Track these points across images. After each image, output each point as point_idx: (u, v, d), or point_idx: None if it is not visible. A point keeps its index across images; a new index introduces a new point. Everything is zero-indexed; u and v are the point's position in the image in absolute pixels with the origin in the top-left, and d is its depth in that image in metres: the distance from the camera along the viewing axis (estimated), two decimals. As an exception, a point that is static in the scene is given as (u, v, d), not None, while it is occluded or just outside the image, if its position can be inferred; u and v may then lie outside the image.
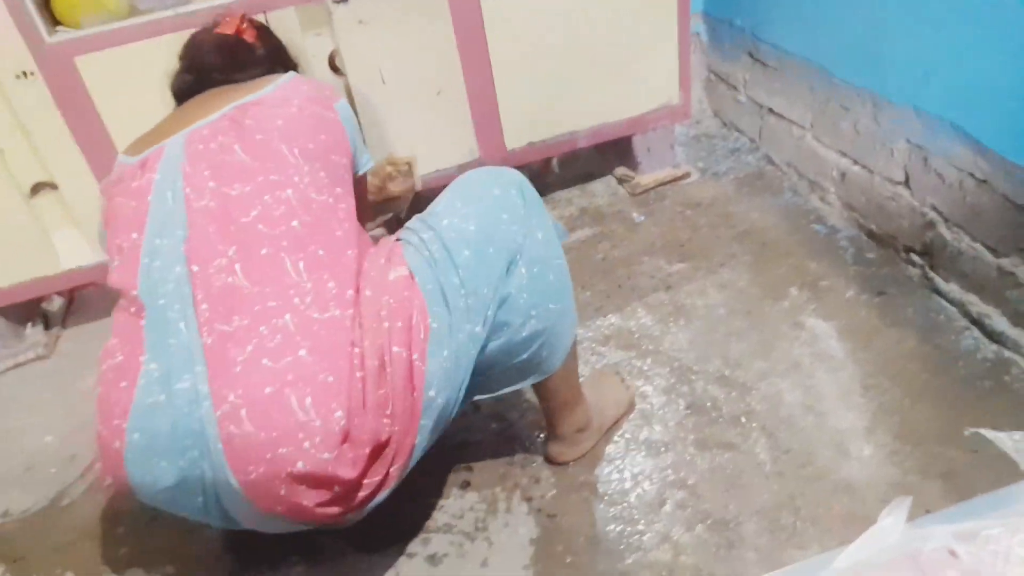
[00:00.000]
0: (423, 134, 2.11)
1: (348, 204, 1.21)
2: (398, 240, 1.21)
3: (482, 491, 1.48)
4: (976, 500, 0.60)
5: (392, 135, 2.07)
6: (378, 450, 1.06)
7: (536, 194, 1.28)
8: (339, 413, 1.00)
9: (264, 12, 1.81)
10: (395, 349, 1.05)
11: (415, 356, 1.07)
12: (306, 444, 0.98)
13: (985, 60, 1.52)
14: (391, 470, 1.09)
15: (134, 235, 1.13)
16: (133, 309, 1.10)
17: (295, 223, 1.12)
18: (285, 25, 1.81)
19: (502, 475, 1.50)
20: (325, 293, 1.07)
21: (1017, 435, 0.58)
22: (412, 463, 1.14)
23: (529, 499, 1.44)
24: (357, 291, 1.09)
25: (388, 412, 1.04)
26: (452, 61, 2.03)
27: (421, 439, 1.11)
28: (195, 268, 1.08)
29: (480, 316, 1.13)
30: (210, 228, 1.10)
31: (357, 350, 1.03)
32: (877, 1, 1.81)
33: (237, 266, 1.07)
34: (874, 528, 0.57)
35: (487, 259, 1.13)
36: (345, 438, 1.01)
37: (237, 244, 1.09)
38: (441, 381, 1.09)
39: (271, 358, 1.01)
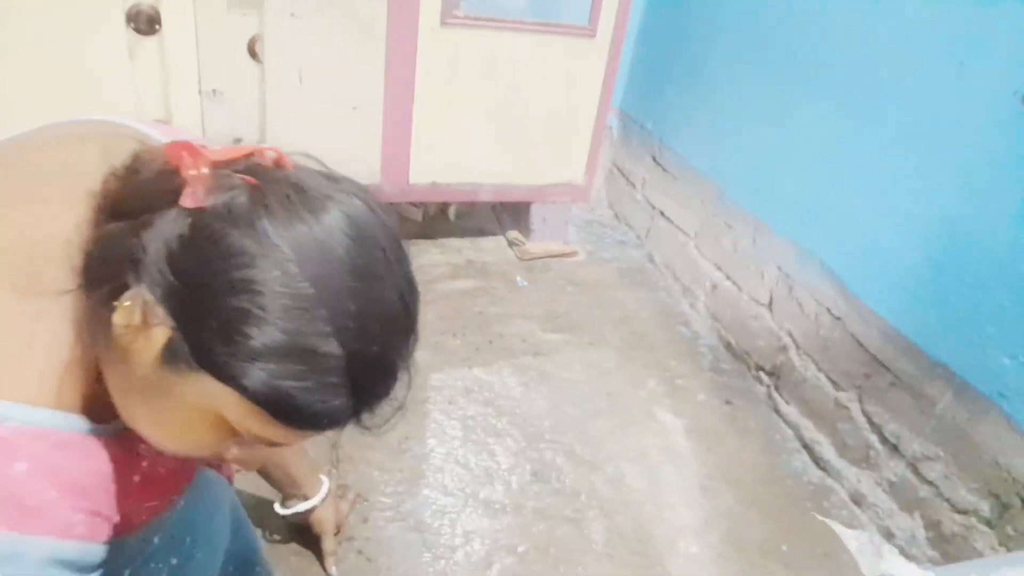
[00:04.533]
0: (328, 144, 2.04)
1: None
2: None
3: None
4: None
5: (295, 136, 1.99)
6: None
7: None
8: None
9: (193, -26, 1.71)
10: None
11: None
12: None
13: (860, 209, 1.68)
14: None
15: None
16: None
17: None
18: (213, -7, 1.72)
19: (329, 508, 1.40)
20: None
21: (863, 535, 0.59)
22: None
23: (352, 538, 1.35)
24: None
25: None
26: (376, 81, 1.99)
27: None
28: None
29: None
30: None
31: None
32: (772, 138, 1.97)
33: None
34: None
35: None
36: None
37: None
38: None
39: None
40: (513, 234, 2.51)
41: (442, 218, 2.57)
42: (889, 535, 1.55)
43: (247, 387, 0.51)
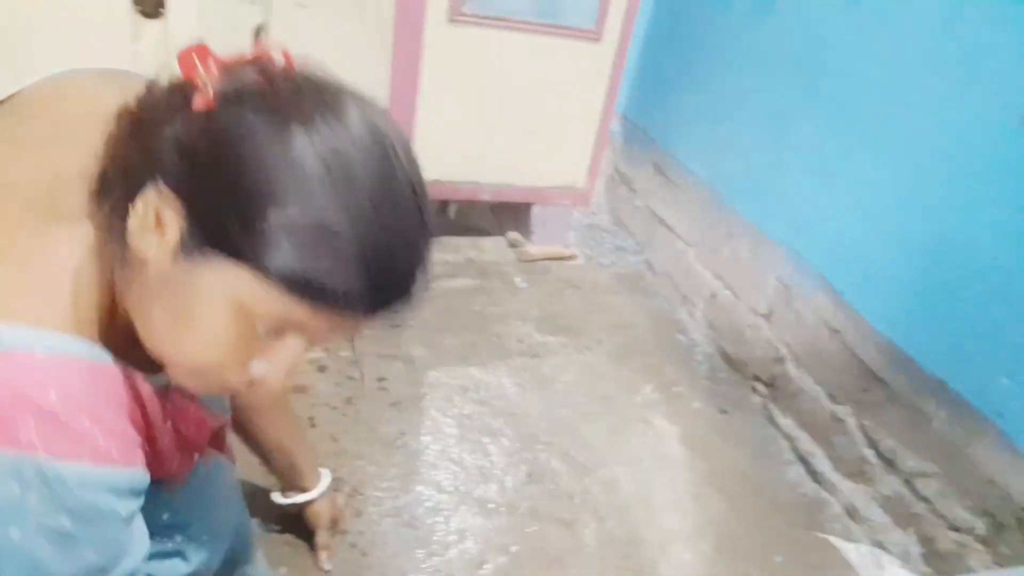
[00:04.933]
0: (331, 137, 2.02)
1: None
2: None
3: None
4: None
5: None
6: None
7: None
8: None
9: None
10: None
11: None
12: None
13: (860, 222, 1.68)
14: None
15: None
16: None
17: None
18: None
19: (321, 501, 1.38)
20: None
21: (864, 548, 0.58)
22: None
23: (345, 532, 1.33)
24: None
25: None
26: (381, 76, 1.98)
27: None
28: None
29: None
30: None
31: None
32: (772, 148, 1.97)
33: None
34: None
35: None
36: None
37: None
38: None
39: None
40: (513, 235, 2.50)
41: (442, 216, 2.56)
42: (883, 550, 1.55)
43: (266, 265, 0.51)
